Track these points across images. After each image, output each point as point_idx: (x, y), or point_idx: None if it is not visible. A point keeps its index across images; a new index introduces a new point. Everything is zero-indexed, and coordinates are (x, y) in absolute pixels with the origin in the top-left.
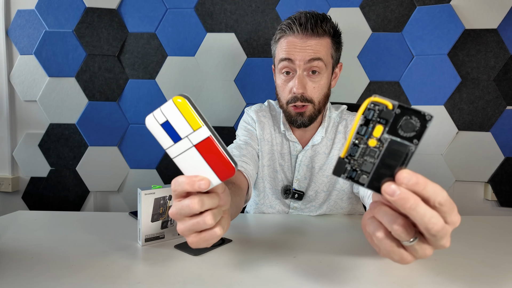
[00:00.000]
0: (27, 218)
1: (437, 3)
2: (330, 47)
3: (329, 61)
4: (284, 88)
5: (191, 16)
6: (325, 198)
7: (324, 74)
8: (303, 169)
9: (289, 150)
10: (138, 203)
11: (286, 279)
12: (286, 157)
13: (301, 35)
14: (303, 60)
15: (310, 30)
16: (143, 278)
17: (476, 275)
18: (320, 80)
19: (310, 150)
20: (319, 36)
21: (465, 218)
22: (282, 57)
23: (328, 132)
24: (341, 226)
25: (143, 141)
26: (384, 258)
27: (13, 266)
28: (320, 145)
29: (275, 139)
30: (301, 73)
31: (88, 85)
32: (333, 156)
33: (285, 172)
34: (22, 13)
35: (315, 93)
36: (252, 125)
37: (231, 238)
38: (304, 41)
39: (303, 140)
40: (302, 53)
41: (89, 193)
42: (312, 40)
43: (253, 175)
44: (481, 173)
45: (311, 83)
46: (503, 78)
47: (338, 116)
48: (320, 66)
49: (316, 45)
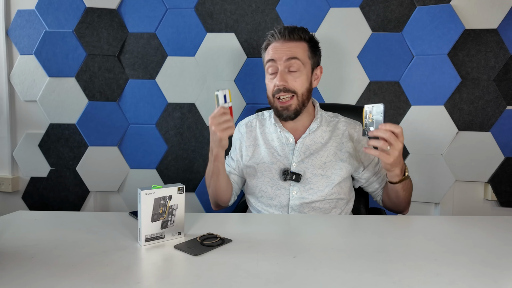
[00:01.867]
0: (27, 218)
1: (437, 3)
2: (306, 50)
3: (306, 61)
4: (270, 85)
5: (191, 16)
6: (324, 182)
7: (303, 71)
8: (300, 154)
9: (282, 141)
10: (138, 203)
11: (286, 279)
12: (279, 148)
13: (281, 40)
14: (283, 59)
15: (287, 35)
16: (143, 278)
17: (476, 275)
18: (300, 76)
19: (308, 137)
20: (295, 41)
21: (465, 218)
22: (268, 59)
23: (322, 124)
24: (341, 226)
25: (143, 141)
26: (384, 257)
27: (13, 266)
28: (316, 133)
29: (267, 137)
30: (282, 69)
31: (88, 85)
32: (331, 145)
33: (281, 161)
34: (22, 13)
35: (297, 85)
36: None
37: (231, 238)
38: (283, 44)
39: (296, 131)
40: (282, 53)
41: (89, 193)
42: (290, 43)
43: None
44: (481, 173)
45: (292, 77)
46: (503, 78)
47: (330, 116)
48: (298, 64)
49: (293, 47)
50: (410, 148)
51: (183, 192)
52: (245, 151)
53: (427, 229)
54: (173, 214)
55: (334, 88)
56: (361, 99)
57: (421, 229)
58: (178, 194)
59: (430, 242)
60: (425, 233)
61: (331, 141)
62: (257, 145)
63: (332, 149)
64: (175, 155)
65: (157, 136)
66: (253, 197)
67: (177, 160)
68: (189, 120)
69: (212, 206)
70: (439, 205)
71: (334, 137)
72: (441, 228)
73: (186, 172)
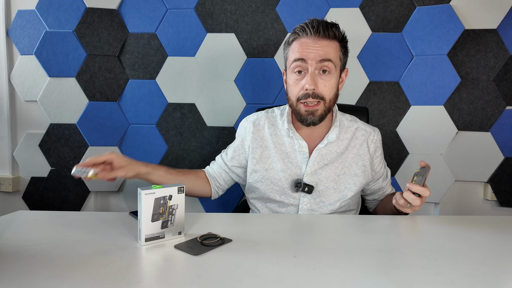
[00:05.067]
0: (27, 218)
1: (437, 4)
2: (339, 50)
3: (338, 63)
4: (295, 86)
5: (191, 17)
6: (337, 196)
7: (334, 75)
8: (314, 165)
9: (295, 147)
10: (138, 203)
11: (286, 279)
12: (291, 155)
13: (313, 37)
14: (315, 60)
15: (322, 32)
16: (143, 278)
17: (476, 275)
18: (330, 79)
19: (324, 147)
20: (329, 39)
21: (465, 218)
22: (295, 58)
23: (341, 132)
24: (341, 226)
25: (143, 141)
26: (384, 257)
27: (13, 266)
28: (333, 143)
29: (278, 140)
30: (313, 71)
31: (89, 85)
32: (347, 157)
33: (293, 169)
34: (22, 13)
35: (326, 90)
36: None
37: (231, 238)
38: (315, 42)
39: (311, 138)
40: (314, 53)
41: (90, 193)
42: (323, 41)
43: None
44: (480, 173)
45: (322, 81)
46: (502, 78)
47: (348, 120)
48: (330, 66)
49: (326, 47)
50: (409, 148)
51: (183, 192)
52: (251, 153)
53: (427, 229)
54: (173, 214)
55: None
56: (361, 99)
57: (421, 229)
58: (178, 194)
59: (430, 242)
60: (425, 233)
61: (347, 152)
62: (265, 147)
63: (348, 161)
64: (175, 155)
65: (157, 136)
66: (259, 202)
67: (177, 160)
68: (189, 120)
69: None
70: (438, 205)
71: (351, 148)
72: (441, 228)
73: None
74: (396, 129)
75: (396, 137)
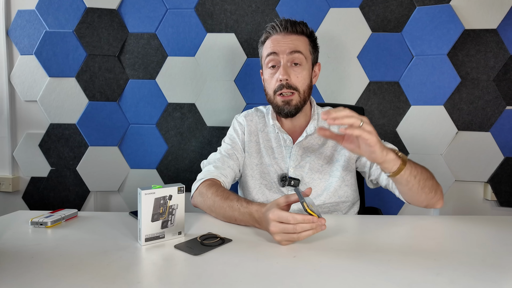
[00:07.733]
0: (27, 218)
1: (437, 3)
2: (308, 44)
3: (308, 56)
4: (271, 80)
5: (191, 17)
6: (323, 186)
7: (305, 66)
8: (297, 158)
9: (280, 142)
10: (138, 203)
11: (286, 279)
12: (277, 150)
13: (283, 33)
14: (285, 52)
15: (290, 28)
16: (143, 278)
17: (476, 275)
18: (302, 71)
19: (304, 140)
20: (297, 34)
21: (465, 218)
22: (268, 52)
23: (319, 125)
24: (341, 226)
25: (143, 141)
26: (384, 257)
27: (13, 266)
28: (313, 136)
29: (265, 136)
30: (285, 63)
31: (89, 85)
32: (328, 146)
33: (279, 164)
34: (22, 13)
35: (299, 82)
36: (238, 133)
37: (231, 238)
38: (285, 37)
39: (294, 132)
40: (284, 46)
41: (90, 193)
42: (292, 36)
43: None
44: (480, 173)
45: (294, 72)
46: (502, 78)
47: None
48: (301, 58)
49: (295, 40)
50: (409, 148)
51: (183, 192)
52: (247, 146)
53: (427, 229)
54: (173, 214)
55: (334, 88)
56: (361, 99)
57: (421, 229)
58: (178, 194)
59: (430, 242)
60: (425, 233)
61: (328, 142)
62: (257, 143)
63: (329, 150)
64: (175, 155)
65: (157, 136)
66: (250, 197)
67: (177, 160)
68: (189, 120)
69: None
70: None
71: None
72: (441, 228)
73: (186, 172)
74: (396, 129)
75: (396, 137)
